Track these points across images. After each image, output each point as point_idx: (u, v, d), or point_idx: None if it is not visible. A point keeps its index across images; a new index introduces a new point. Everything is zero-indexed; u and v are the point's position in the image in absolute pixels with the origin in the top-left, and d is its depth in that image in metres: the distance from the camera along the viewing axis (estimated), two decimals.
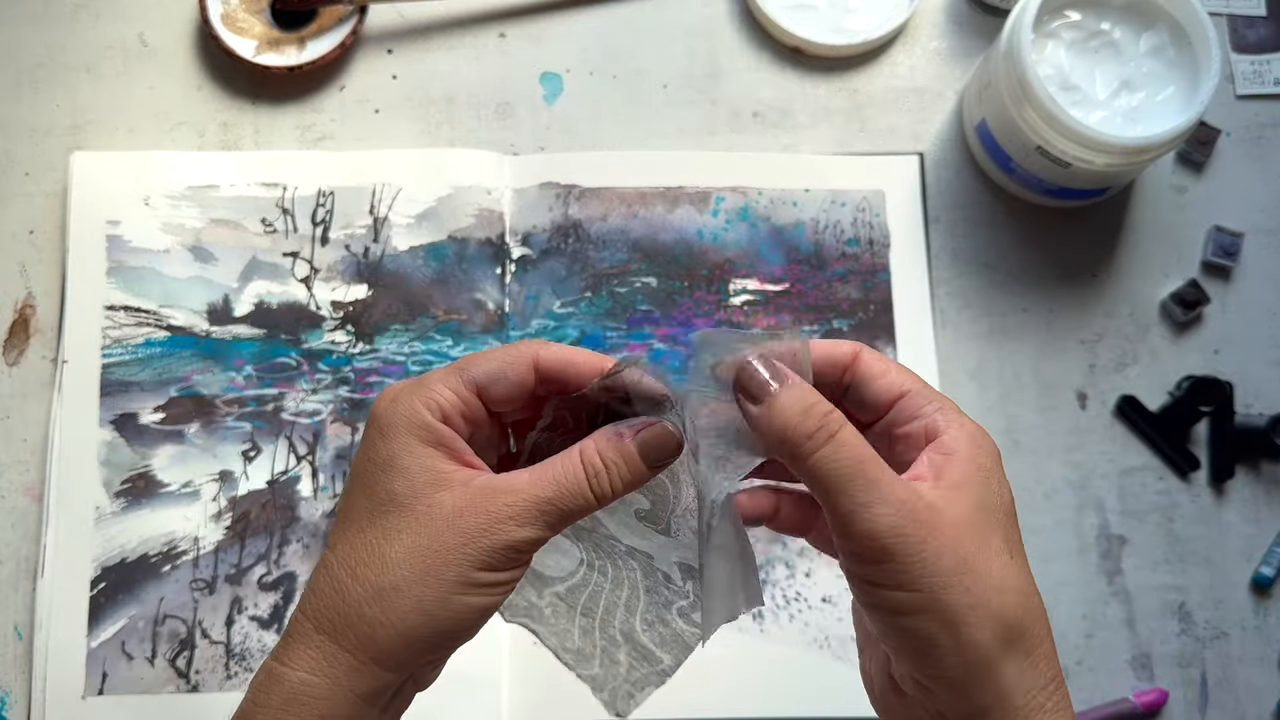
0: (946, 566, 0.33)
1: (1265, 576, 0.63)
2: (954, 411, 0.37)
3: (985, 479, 0.36)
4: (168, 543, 0.61)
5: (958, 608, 0.33)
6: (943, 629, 0.33)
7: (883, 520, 0.33)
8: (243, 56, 0.67)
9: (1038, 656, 0.35)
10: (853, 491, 0.34)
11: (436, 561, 0.35)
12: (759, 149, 0.69)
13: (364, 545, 0.36)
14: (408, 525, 0.35)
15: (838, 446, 0.34)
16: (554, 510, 0.36)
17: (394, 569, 0.35)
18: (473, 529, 0.35)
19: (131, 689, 0.59)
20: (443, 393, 0.36)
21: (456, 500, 0.35)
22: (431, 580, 0.35)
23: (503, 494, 0.36)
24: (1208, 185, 0.69)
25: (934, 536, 0.33)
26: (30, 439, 0.63)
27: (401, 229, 0.66)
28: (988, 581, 0.34)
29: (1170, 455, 0.65)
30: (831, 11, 0.70)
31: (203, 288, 0.65)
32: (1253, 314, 0.67)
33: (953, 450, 0.36)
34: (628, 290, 0.66)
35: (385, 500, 0.36)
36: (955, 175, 0.69)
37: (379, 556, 0.35)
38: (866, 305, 0.66)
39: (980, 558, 0.34)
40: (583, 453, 0.36)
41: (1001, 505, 0.36)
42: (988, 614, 0.34)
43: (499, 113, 0.69)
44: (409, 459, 0.36)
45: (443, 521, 0.35)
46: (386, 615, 0.35)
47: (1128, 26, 0.64)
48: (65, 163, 0.66)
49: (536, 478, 0.36)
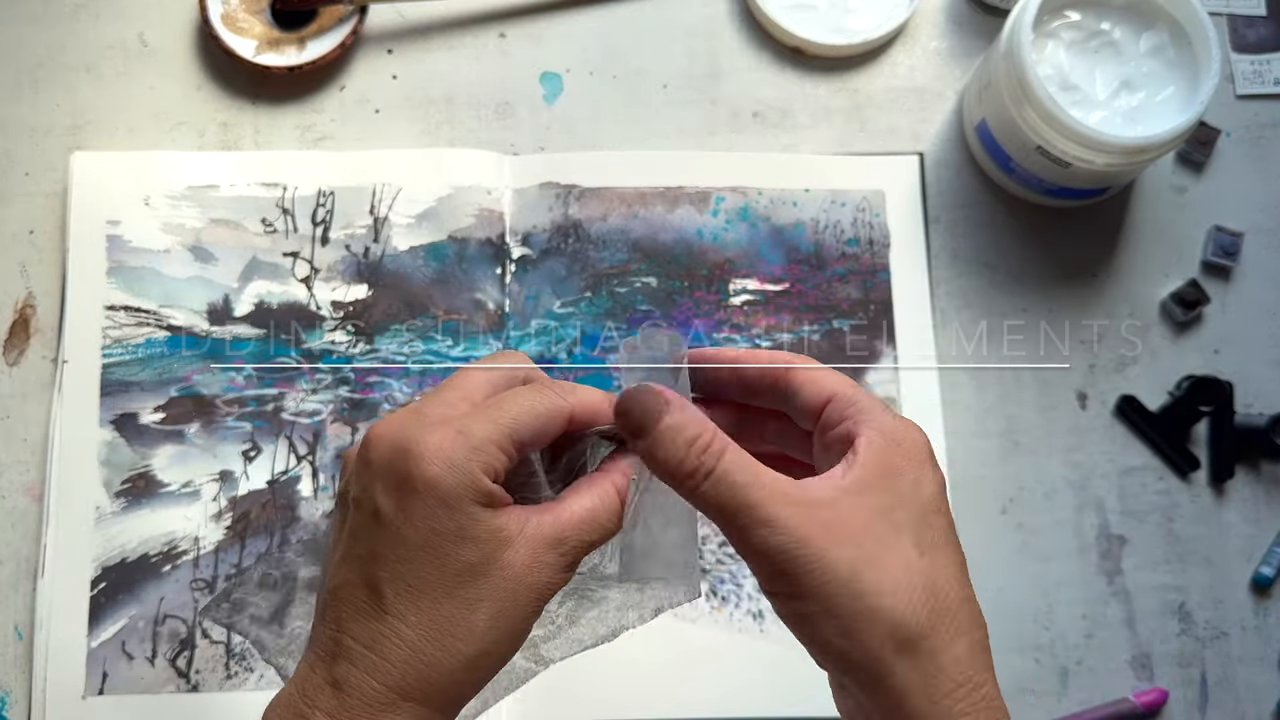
0: (840, 575, 0.34)
1: (1265, 576, 0.64)
2: (876, 412, 0.37)
3: (893, 478, 0.36)
4: (168, 543, 0.61)
5: (849, 613, 0.34)
6: (838, 634, 0.34)
7: (771, 540, 0.34)
8: (243, 56, 0.67)
9: (945, 659, 0.35)
10: (740, 519, 0.35)
11: (518, 623, 0.36)
12: (759, 149, 0.69)
13: (446, 617, 0.36)
14: (488, 593, 0.36)
15: (716, 481, 0.35)
16: (599, 541, 0.38)
17: (482, 637, 0.36)
18: (542, 584, 0.36)
19: (132, 689, 0.60)
20: (496, 456, 0.36)
21: (523, 556, 0.36)
22: (509, 638, 0.37)
23: (557, 543, 0.37)
24: (1208, 185, 0.69)
25: (825, 548, 0.34)
26: (30, 439, 0.63)
27: (402, 229, 0.66)
28: (881, 585, 0.34)
29: (1170, 455, 0.65)
30: (831, 11, 0.70)
31: (203, 288, 0.65)
32: (1253, 314, 0.67)
33: (861, 453, 0.36)
34: (628, 290, 0.66)
35: (460, 571, 0.36)
36: (955, 175, 0.69)
37: (465, 627, 0.36)
38: (866, 305, 0.66)
39: (875, 562, 0.35)
40: (618, 489, 0.38)
41: (916, 502, 0.36)
42: (878, 618, 0.34)
43: (499, 113, 0.69)
44: (478, 529, 0.36)
45: (516, 582, 0.36)
46: (473, 675, 0.36)
47: (1128, 26, 0.64)
48: (65, 163, 0.66)
49: (580, 518, 0.37)
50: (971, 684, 0.35)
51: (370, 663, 0.36)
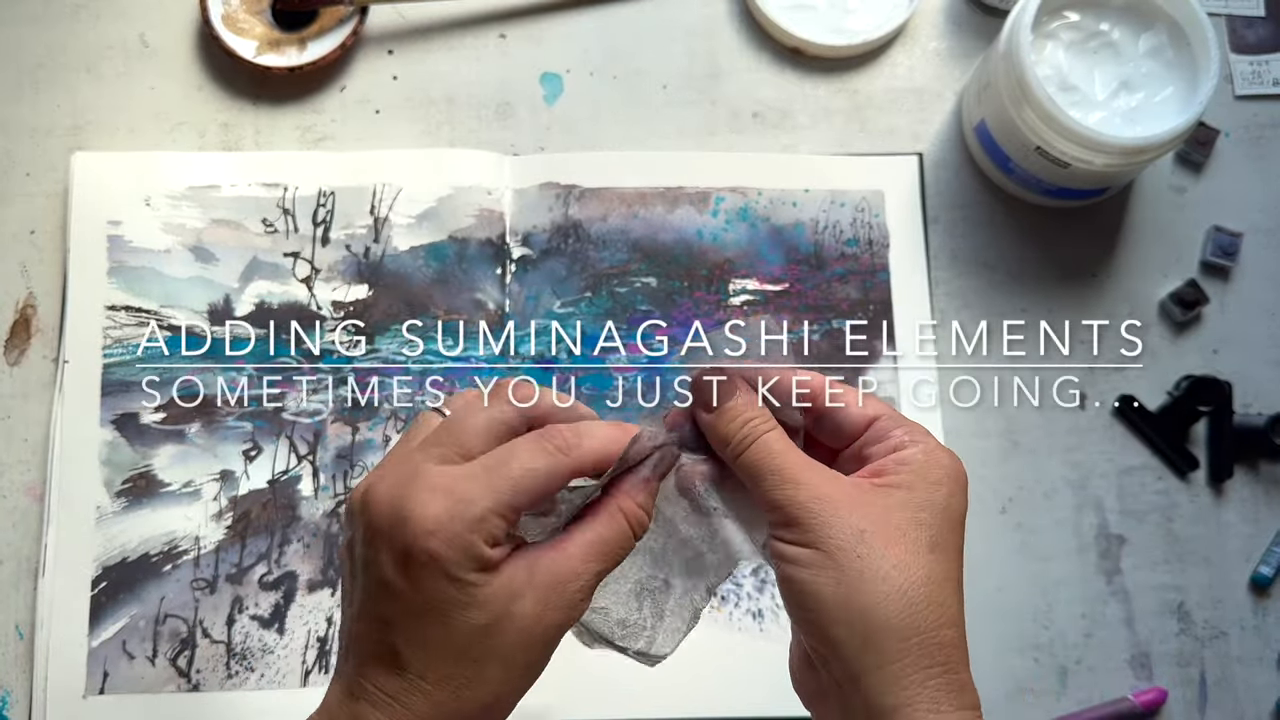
0: (848, 534, 0.37)
1: (1264, 576, 0.64)
2: (922, 434, 0.40)
3: (928, 487, 0.39)
4: (169, 542, 0.61)
5: (849, 570, 0.37)
6: (833, 584, 0.37)
7: (793, 493, 0.38)
8: (243, 57, 0.67)
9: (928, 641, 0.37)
10: (770, 479, 0.39)
11: (531, 665, 0.38)
12: (759, 149, 0.69)
13: (462, 673, 0.37)
14: (501, 648, 0.37)
15: (756, 449, 0.39)
16: (610, 568, 0.39)
17: (497, 684, 0.38)
18: (554, 625, 0.38)
19: (132, 688, 0.60)
20: (496, 525, 0.37)
21: (531, 606, 0.37)
22: (522, 677, 0.38)
23: (565, 581, 0.38)
24: (1207, 185, 0.69)
25: (839, 509, 0.38)
26: (31, 439, 0.63)
27: (402, 229, 0.66)
28: (883, 557, 0.37)
29: (1169, 455, 0.65)
30: (831, 12, 0.70)
31: (203, 288, 0.65)
32: (1252, 314, 0.67)
33: (904, 461, 0.39)
34: (628, 290, 0.66)
35: (471, 633, 0.37)
36: (954, 175, 0.69)
37: (479, 678, 0.37)
38: (866, 305, 0.66)
39: (884, 537, 0.37)
40: (624, 512, 0.40)
41: (944, 513, 0.39)
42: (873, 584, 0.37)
43: (499, 113, 0.69)
44: (483, 593, 0.37)
45: (527, 633, 0.37)
46: (496, 713, 0.38)
47: (1127, 27, 0.64)
48: (66, 163, 0.66)
49: (587, 551, 0.39)
50: (948, 666, 0.37)
51: (393, 710, 0.37)
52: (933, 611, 0.37)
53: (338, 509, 0.63)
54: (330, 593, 0.61)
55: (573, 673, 0.60)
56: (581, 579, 0.38)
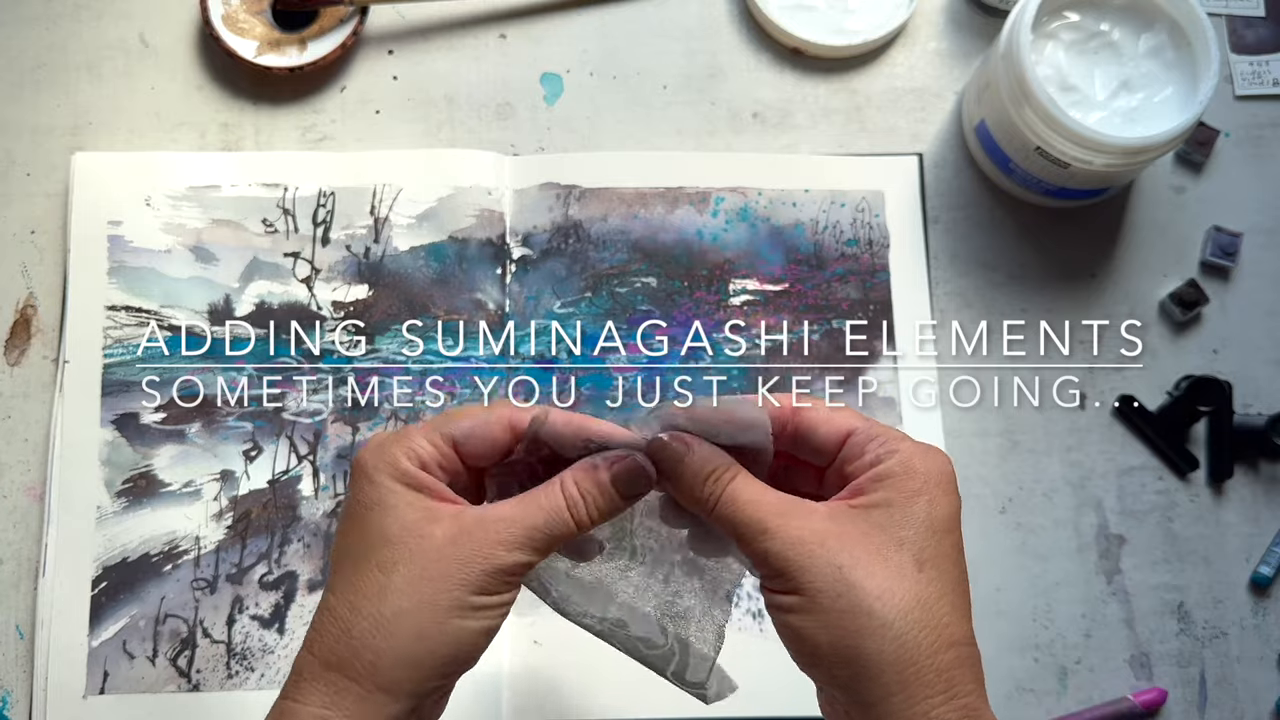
0: (827, 574, 0.37)
1: (1264, 576, 0.64)
2: (896, 441, 0.40)
3: (905, 499, 0.38)
4: (169, 542, 0.62)
5: (834, 610, 0.37)
6: (821, 628, 0.37)
7: (769, 545, 0.38)
8: (244, 57, 0.67)
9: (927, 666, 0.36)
10: (745, 531, 0.38)
11: (433, 589, 0.38)
12: (758, 149, 0.69)
13: (362, 581, 0.38)
14: (403, 558, 0.38)
15: (725, 503, 0.39)
16: (540, 536, 0.39)
17: (393, 599, 0.38)
18: (466, 556, 0.38)
19: (133, 688, 0.60)
20: (421, 444, 0.40)
21: (448, 530, 0.38)
22: (429, 607, 0.38)
23: (493, 523, 0.39)
24: (1207, 185, 0.69)
25: (815, 550, 0.37)
26: (32, 439, 0.63)
27: (402, 229, 0.66)
28: (867, 588, 0.37)
29: (1169, 455, 0.65)
30: (831, 12, 0.70)
31: (204, 288, 0.65)
32: (1252, 314, 0.67)
33: (879, 477, 0.39)
34: (628, 290, 0.66)
35: (378, 539, 0.38)
36: (954, 176, 0.69)
37: (378, 589, 0.38)
38: (866, 305, 0.66)
39: (865, 567, 0.37)
40: (563, 484, 0.40)
41: (926, 523, 0.38)
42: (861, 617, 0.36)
43: (499, 113, 0.69)
44: (396, 499, 0.39)
45: (436, 551, 0.38)
46: (389, 643, 0.37)
47: (1127, 27, 0.64)
48: (66, 163, 0.66)
49: (523, 507, 0.39)
50: (952, 692, 0.36)
51: (309, 637, 0.39)
52: (927, 636, 0.36)
53: (338, 509, 0.63)
54: None
55: (572, 671, 0.60)
56: (505, 523, 0.39)
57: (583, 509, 0.40)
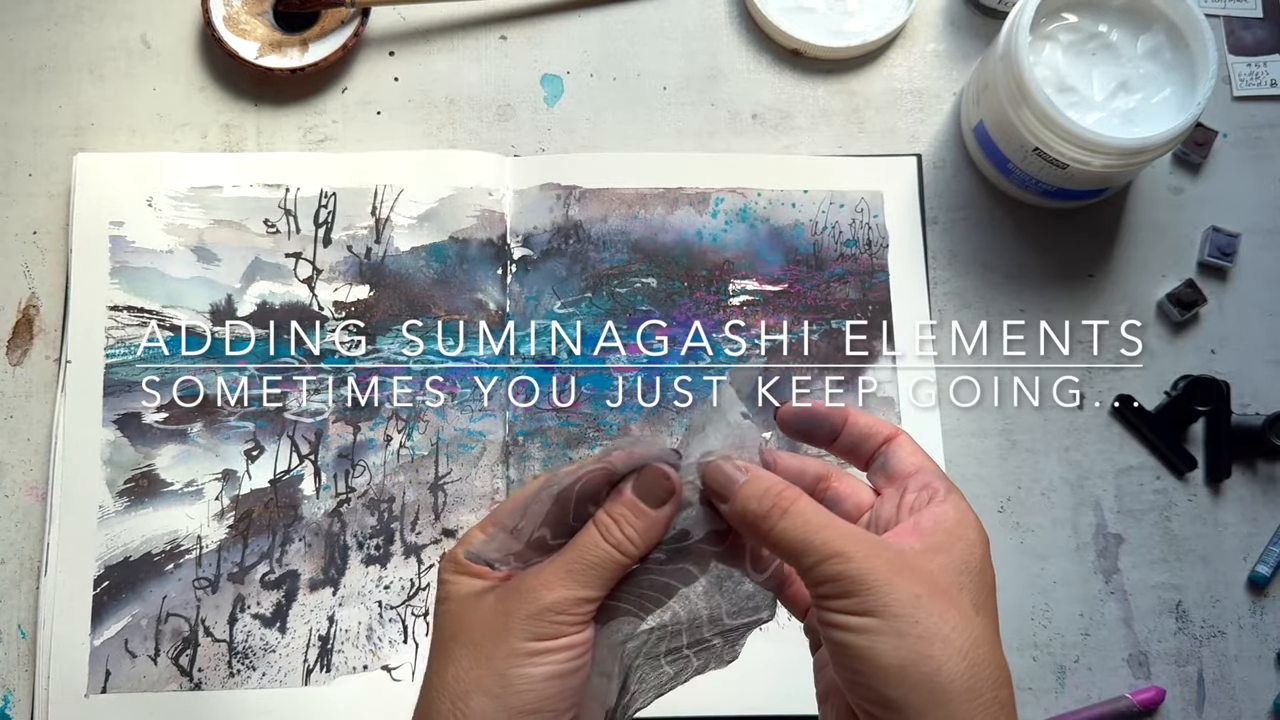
0: (905, 600, 0.37)
1: (1262, 575, 0.64)
2: (956, 494, 0.42)
3: (963, 550, 0.40)
4: (171, 541, 0.62)
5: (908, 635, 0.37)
6: (892, 651, 0.37)
7: (842, 568, 0.38)
8: (245, 58, 0.67)
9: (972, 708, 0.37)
10: (811, 555, 0.38)
11: (487, 648, 0.39)
12: (758, 150, 0.69)
13: (436, 664, 0.40)
14: (462, 629, 0.40)
15: (790, 520, 0.39)
16: (580, 567, 0.40)
17: (454, 668, 0.39)
18: (510, 608, 0.39)
19: (134, 687, 0.60)
20: (475, 534, 0.42)
21: (498, 595, 0.40)
22: (485, 664, 0.39)
23: (536, 572, 0.40)
24: (1205, 186, 0.69)
25: (892, 576, 0.37)
26: (34, 438, 0.63)
27: (403, 230, 0.66)
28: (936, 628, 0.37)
29: (1167, 455, 0.65)
30: (830, 14, 0.70)
31: (205, 288, 0.65)
32: (1249, 314, 0.68)
33: (940, 521, 0.40)
34: (628, 291, 0.66)
35: (444, 624, 0.41)
36: (953, 176, 0.69)
37: (445, 664, 0.40)
38: (865, 306, 0.66)
39: (936, 604, 0.38)
40: (595, 517, 0.41)
41: (979, 575, 0.40)
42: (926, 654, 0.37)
43: (500, 114, 0.69)
44: (455, 588, 0.41)
45: (488, 613, 0.40)
46: (465, 709, 0.39)
47: (1125, 28, 0.64)
48: (69, 164, 0.67)
49: (563, 549, 0.41)
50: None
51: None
52: (991, 671, 0.38)
53: (339, 508, 0.63)
54: (331, 592, 0.62)
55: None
56: (544, 568, 0.40)
57: (617, 531, 0.40)
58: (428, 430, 0.64)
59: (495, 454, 0.64)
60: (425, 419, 0.64)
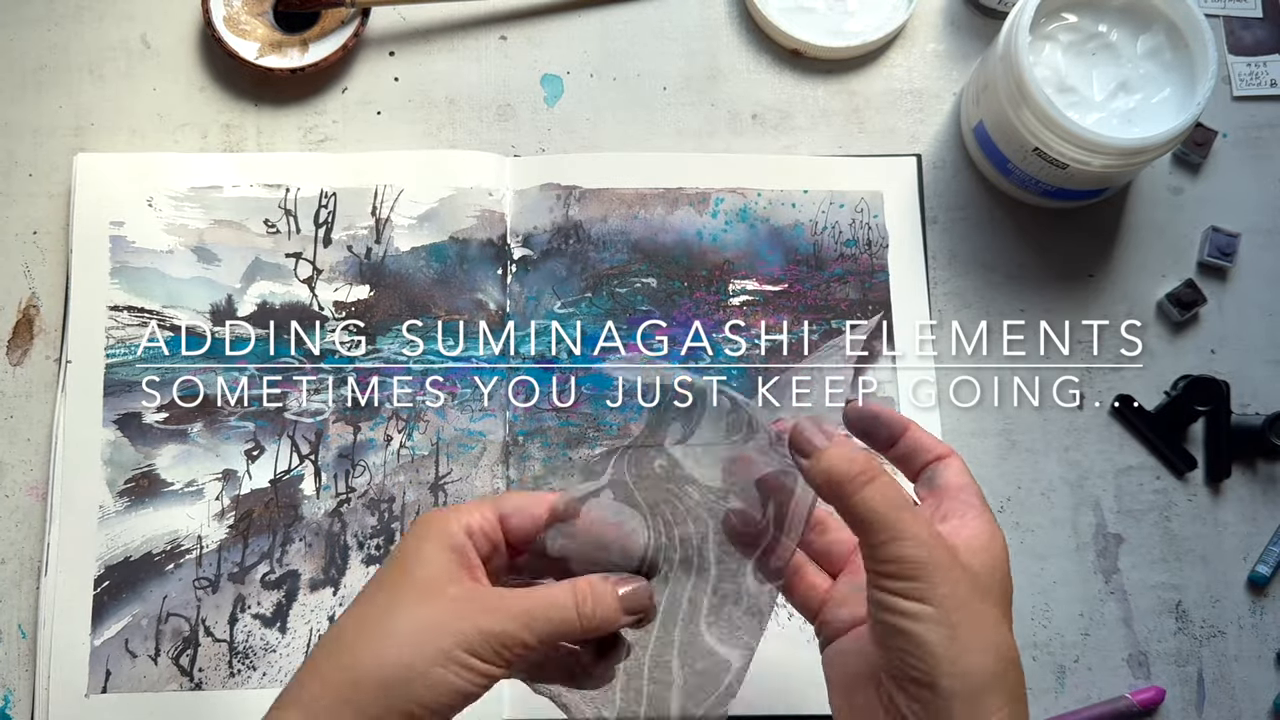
0: (960, 594, 0.39)
1: (1261, 575, 0.64)
2: (990, 514, 0.44)
3: (995, 562, 0.43)
4: (171, 541, 0.62)
5: (962, 626, 0.39)
6: (947, 640, 0.39)
7: (912, 551, 0.39)
8: (245, 58, 0.67)
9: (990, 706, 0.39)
10: (886, 530, 0.40)
11: (432, 632, 0.40)
12: (758, 150, 0.69)
13: (377, 603, 0.42)
14: (419, 598, 0.41)
15: (877, 490, 0.40)
16: (538, 620, 0.41)
17: (396, 623, 0.40)
18: (465, 612, 0.41)
19: (135, 687, 0.60)
20: (471, 513, 0.44)
21: (462, 591, 0.42)
22: (421, 646, 0.40)
23: (500, 595, 0.42)
24: (1204, 186, 0.69)
25: (951, 571, 0.40)
26: (34, 438, 0.63)
27: (403, 230, 0.66)
28: (977, 628, 0.39)
29: (1167, 455, 0.65)
30: (830, 14, 0.70)
31: (206, 288, 0.65)
32: (1249, 314, 0.68)
33: (975, 530, 0.43)
34: (628, 291, 0.66)
35: (403, 578, 0.42)
36: (953, 176, 0.69)
37: (387, 612, 0.41)
38: (865, 306, 0.66)
39: (980, 603, 0.40)
40: (575, 584, 0.43)
41: (1003, 585, 0.42)
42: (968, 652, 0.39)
43: (500, 114, 0.69)
44: (433, 556, 0.42)
45: (445, 602, 0.41)
46: (376, 659, 0.40)
47: (1125, 28, 0.64)
48: (69, 164, 0.67)
49: (532, 591, 0.42)
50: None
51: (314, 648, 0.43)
52: (1016, 672, 0.40)
53: (339, 508, 0.63)
54: (332, 591, 0.62)
55: None
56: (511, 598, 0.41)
57: (589, 607, 0.42)
58: (428, 430, 0.64)
59: (495, 454, 0.64)
60: (425, 419, 0.64)
